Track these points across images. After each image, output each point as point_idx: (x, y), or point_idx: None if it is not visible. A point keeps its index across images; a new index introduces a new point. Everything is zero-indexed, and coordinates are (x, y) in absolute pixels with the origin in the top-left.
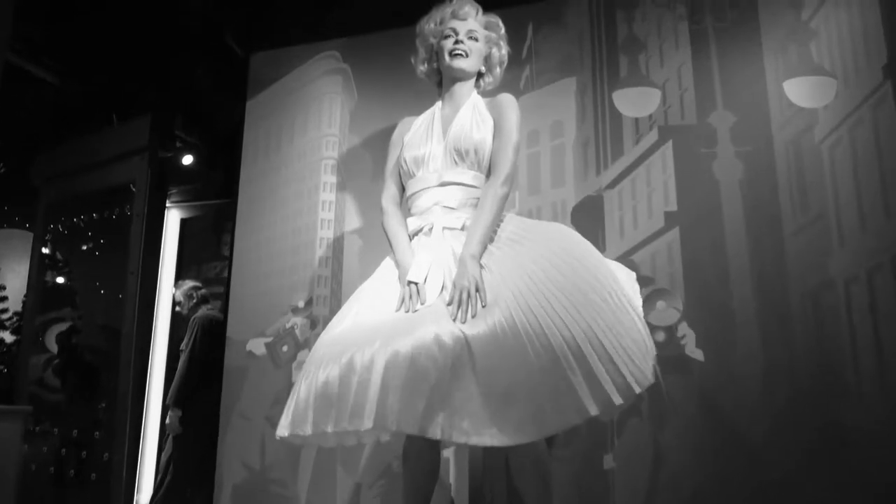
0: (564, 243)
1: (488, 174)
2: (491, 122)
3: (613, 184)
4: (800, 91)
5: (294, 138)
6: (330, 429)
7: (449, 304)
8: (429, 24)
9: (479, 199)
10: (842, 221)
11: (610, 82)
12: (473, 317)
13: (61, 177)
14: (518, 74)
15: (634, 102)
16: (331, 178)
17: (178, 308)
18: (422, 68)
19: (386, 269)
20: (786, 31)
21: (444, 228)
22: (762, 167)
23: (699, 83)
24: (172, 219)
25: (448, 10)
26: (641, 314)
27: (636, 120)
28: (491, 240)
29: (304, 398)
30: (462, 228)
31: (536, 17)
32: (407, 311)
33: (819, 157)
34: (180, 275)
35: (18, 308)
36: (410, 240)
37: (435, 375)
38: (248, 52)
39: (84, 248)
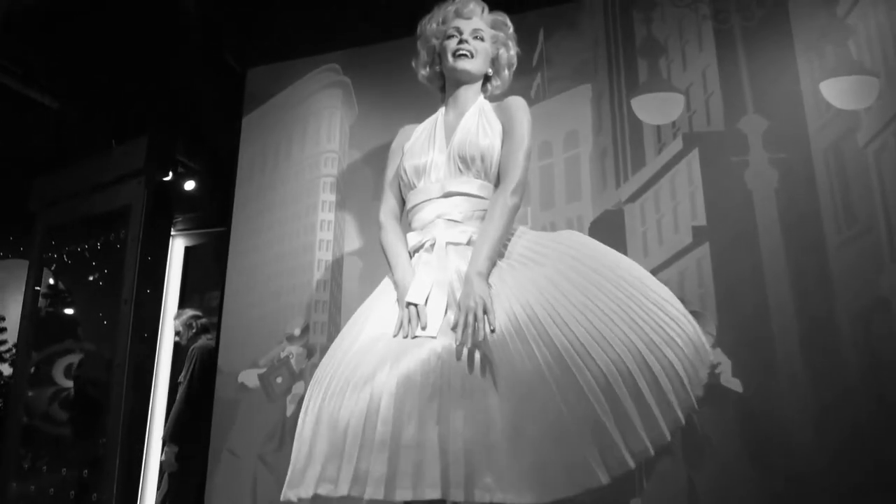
0: (585, 256)
1: (497, 184)
2: (499, 127)
3: (634, 197)
4: (838, 92)
5: (291, 155)
6: (325, 491)
7: (453, 327)
8: (430, 24)
9: (486, 210)
10: (893, 233)
11: (628, 88)
12: (482, 340)
13: (59, 202)
14: (529, 83)
15: (656, 109)
16: (329, 197)
17: (176, 338)
18: (423, 72)
19: (385, 291)
20: (820, 29)
21: (447, 244)
22: (799, 175)
23: (726, 86)
24: (177, 247)
25: (451, 8)
26: (694, 324)
27: (658, 128)
28: (500, 255)
29: (305, 453)
30: (468, 243)
31: (548, 23)
32: (406, 337)
33: (864, 163)
34: (183, 304)
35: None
36: (411, 257)
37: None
38: (246, 68)
39: (84, 275)
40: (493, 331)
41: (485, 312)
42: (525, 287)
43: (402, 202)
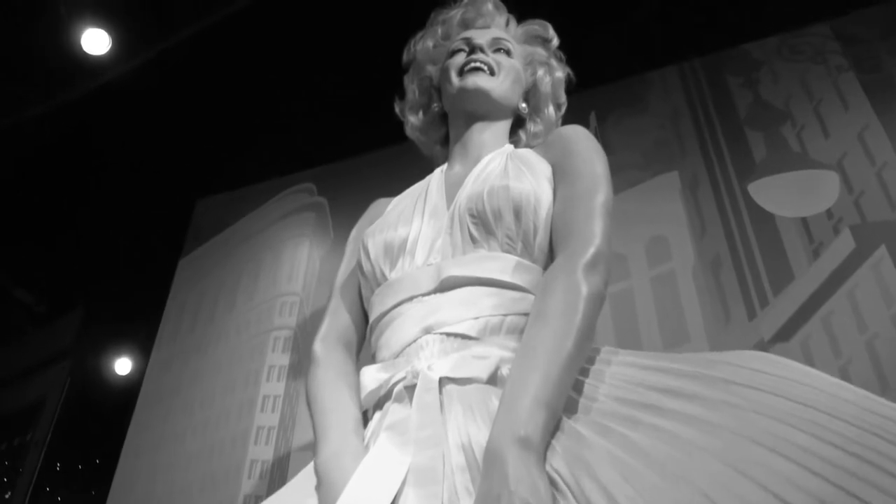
0: (803, 409)
1: (548, 263)
2: (546, 169)
3: (788, 332)
4: None
5: (236, 303)
6: None
7: None
8: (424, 43)
9: (529, 313)
10: None
11: (739, 171)
12: None
13: None
14: None
15: (793, 195)
16: (281, 359)
17: None
18: (413, 121)
19: (300, 490)
20: None
21: (443, 381)
22: None
23: None
24: None
25: (455, 15)
26: None
27: (803, 221)
28: (573, 405)
29: None
30: (491, 381)
31: (599, 102)
32: None
33: None
34: None
35: None
36: (366, 417)
37: None
38: (196, 198)
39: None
40: None
41: None
42: (660, 490)
43: (363, 317)
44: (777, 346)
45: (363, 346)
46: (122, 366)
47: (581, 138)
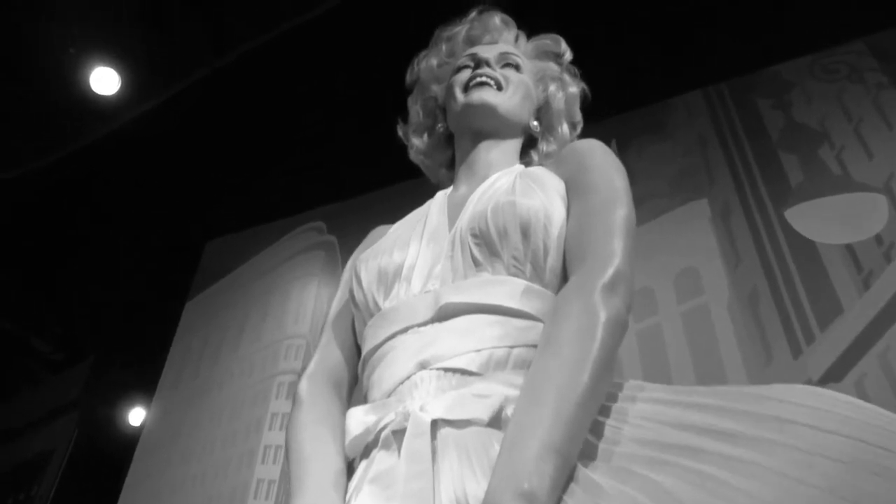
0: (867, 449)
1: (560, 286)
2: (559, 185)
3: (839, 371)
4: None
5: (240, 346)
6: None
7: None
8: (428, 62)
9: (537, 343)
10: None
11: (773, 196)
12: None
13: None
14: None
15: (835, 220)
16: (284, 407)
17: None
18: (417, 143)
19: None
20: None
21: (436, 423)
22: None
23: None
24: None
25: (460, 31)
26: None
27: (849, 248)
28: (590, 454)
29: None
30: (493, 423)
31: (621, 130)
32: None
33: None
34: None
35: None
36: (351, 468)
37: None
38: (206, 239)
39: None
40: None
41: None
42: None
43: (357, 353)
44: (828, 388)
45: (356, 385)
46: (135, 416)
47: (597, 152)
